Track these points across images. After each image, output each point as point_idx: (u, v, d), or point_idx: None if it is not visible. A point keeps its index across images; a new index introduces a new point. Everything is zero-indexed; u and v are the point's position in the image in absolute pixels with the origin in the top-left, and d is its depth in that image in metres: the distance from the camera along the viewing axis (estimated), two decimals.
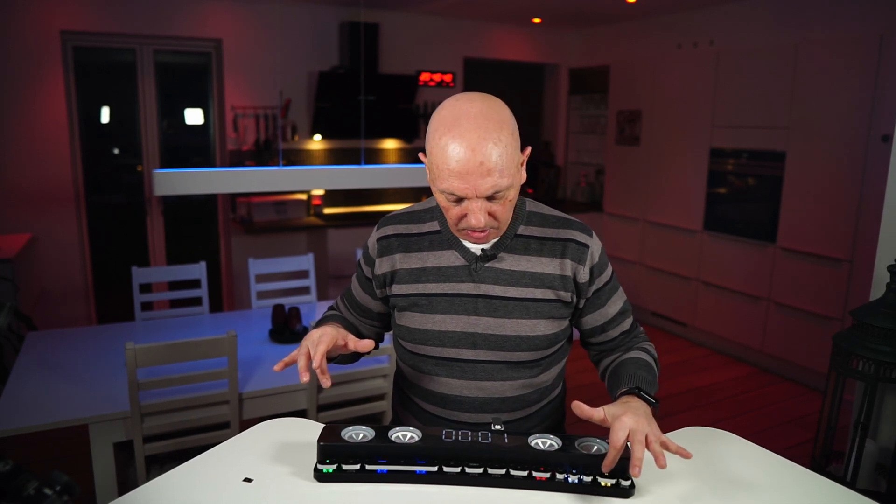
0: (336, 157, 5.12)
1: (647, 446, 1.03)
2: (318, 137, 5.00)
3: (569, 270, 1.24)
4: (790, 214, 4.00)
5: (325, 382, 1.09)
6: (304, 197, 5.00)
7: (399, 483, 1.09)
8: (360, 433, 1.12)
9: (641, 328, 1.39)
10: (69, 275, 4.46)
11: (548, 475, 1.07)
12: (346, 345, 1.16)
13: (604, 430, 1.07)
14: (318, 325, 1.27)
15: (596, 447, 1.10)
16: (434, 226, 1.29)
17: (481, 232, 1.16)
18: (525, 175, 1.18)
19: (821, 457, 2.45)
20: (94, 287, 4.64)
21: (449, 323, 1.24)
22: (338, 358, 1.30)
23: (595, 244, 1.27)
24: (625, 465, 1.04)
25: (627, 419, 1.04)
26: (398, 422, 1.41)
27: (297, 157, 4.96)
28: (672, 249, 4.89)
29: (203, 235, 5.01)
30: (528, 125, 6.30)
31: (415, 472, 1.09)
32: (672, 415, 3.59)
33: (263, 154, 4.76)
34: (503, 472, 1.08)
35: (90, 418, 2.00)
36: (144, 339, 2.66)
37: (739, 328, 4.39)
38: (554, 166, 6.23)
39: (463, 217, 1.14)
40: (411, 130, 5.29)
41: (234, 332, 2.11)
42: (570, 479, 1.07)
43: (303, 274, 3.82)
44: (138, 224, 4.73)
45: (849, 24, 3.84)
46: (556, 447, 1.09)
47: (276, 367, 1.12)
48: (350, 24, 4.79)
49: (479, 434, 1.11)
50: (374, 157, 5.29)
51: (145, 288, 3.46)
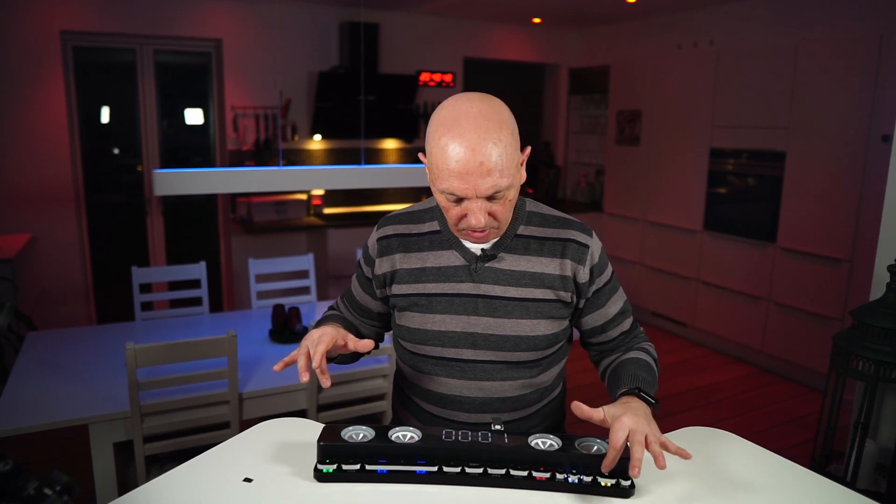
0: (336, 157, 5.12)
1: (647, 447, 1.03)
2: (318, 137, 5.00)
3: (569, 270, 1.24)
4: (790, 214, 4.00)
5: (325, 382, 1.09)
6: (304, 197, 5.01)
7: (399, 483, 1.09)
8: (360, 433, 1.12)
9: (641, 328, 1.39)
10: (69, 275, 4.46)
11: (548, 475, 1.07)
12: (345, 345, 1.16)
13: (604, 430, 1.07)
14: (318, 325, 1.27)
15: (596, 447, 1.10)
16: (434, 226, 1.29)
17: (481, 232, 1.16)
18: (525, 175, 1.18)
19: (821, 457, 2.45)
20: (94, 287, 4.64)
21: (449, 323, 1.24)
22: (338, 358, 1.30)
23: (595, 244, 1.27)
24: (625, 465, 1.04)
25: (627, 420, 1.04)
26: (398, 422, 1.41)
27: (297, 157, 4.96)
28: (672, 249, 4.89)
29: (203, 235, 5.01)
30: (528, 125, 6.30)
31: (415, 472, 1.09)
32: (672, 415, 3.59)
33: (263, 154, 4.76)
34: (503, 472, 1.08)
35: (90, 418, 2.00)
36: (144, 339, 2.66)
37: (739, 328, 4.39)
38: (554, 166, 6.23)
39: (463, 217, 1.14)
40: (411, 130, 5.29)
41: (234, 332, 2.11)
42: (570, 479, 1.07)
43: (303, 274, 3.82)
44: (138, 224, 4.73)
45: (849, 24, 3.84)
46: (556, 447, 1.09)
47: (276, 367, 1.12)
48: (350, 24, 4.79)
49: (479, 434, 1.11)
50: (374, 157, 5.29)
51: (145, 288, 3.46)
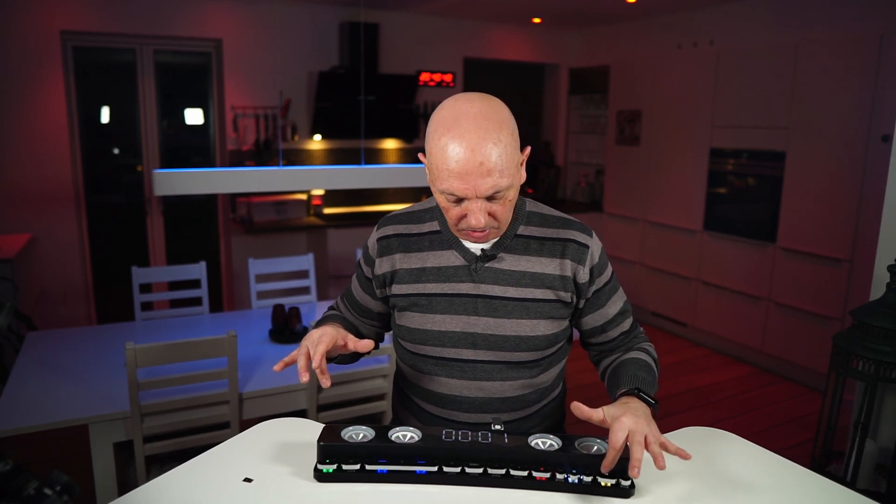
0: (336, 157, 5.12)
1: (647, 447, 1.03)
2: (318, 137, 5.00)
3: (569, 271, 1.24)
4: (790, 214, 4.00)
5: (325, 382, 1.09)
6: (304, 197, 5.01)
7: (399, 483, 1.09)
8: (360, 433, 1.12)
9: (641, 328, 1.39)
10: (69, 275, 4.46)
11: (548, 475, 1.07)
12: (345, 345, 1.16)
13: (604, 430, 1.07)
14: (318, 325, 1.27)
15: (596, 447, 1.10)
16: (434, 226, 1.29)
17: (481, 232, 1.16)
18: (525, 175, 1.18)
19: (821, 457, 2.45)
20: (94, 287, 4.64)
21: (449, 323, 1.24)
22: (338, 358, 1.30)
23: (595, 244, 1.27)
24: (624, 465, 1.04)
25: (626, 420, 1.04)
26: (398, 422, 1.41)
27: (297, 157, 4.96)
28: (672, 249, 4.89)
29: (203, 235, 5.01)
30: (528, 125, 6.30)
31: (415, 472, 1.09)
32: (672, 415, 3.59)
33: (263, 154, 4.76)
34: (503, 472, 1.08)
35: (90, 418, 2.00)
36: (144, 339, 2.66)
37: (739, 328, 4.39)
38: (554, 166, 6.23)
39: (463, 217, 1.14)
40: (411, 130, 5.29)
41: (234, 332, 2.11)
42: (570, 479, 1.07)
43: (303, 274, 3.82)
44: (138, 224, 4.73)
45: (849, 24, 3.84)
46: (556, 447, 1.09)
47: (276, 368, 1.12)
48: (350, 24, 4.79)
49: (479, 434, 1.11)
50: (374, 157, 5.29)
51: (145, 288, 3.46)
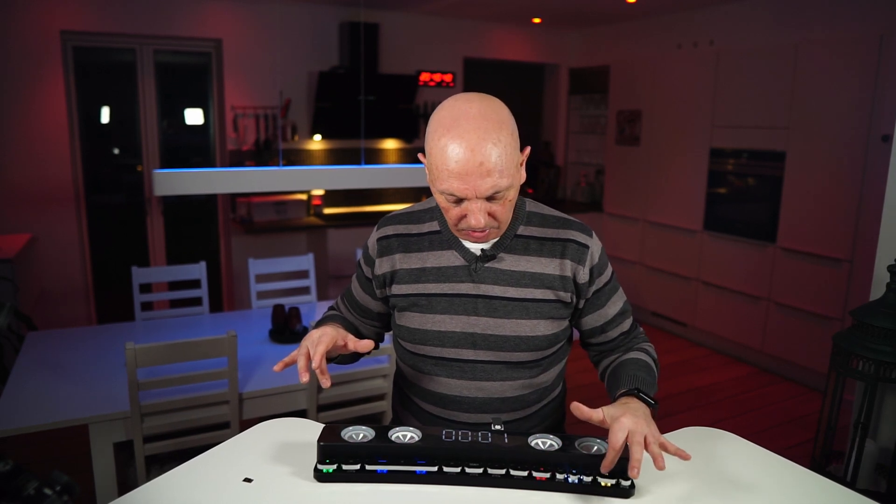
0: (336, 157, 5.12)
1: (646, 448, 1.03)
2: (318, 137, 5.00)
3: (568, 271, 1.24)
4: (790, 214, 4.00)
5: (325, 383, 1.09)
6: (304, 197, 5.01)
7: (399, 483, 1.09)
8: (360, 433, 1.12)
9: (641, 329, 1.39)
10: (69, 275, 4.46)
11: (548, 475, 1.07)
12: (345, 345, 1.16)
13: (604, 430, 1.07)
14: (318, 325, 1.27)
15: (596, 447, 1.10)
16: (434, 226, 1.29)
17: (481, 232, 1.16)
18: (525, 175, 1.18)
19: (821, 457, 2.45)
20: (94, 287, 4.64)
21: (448, 323, 1.24)
22: (338, 358, 1.30)
23: (595, 245, 1.27)
24: (624, 465, 1.04)
25: (626, 420, 1.04)
26: (398, 422, 1.41)
27: (297, 157, 4.96)
28: (672, 249, 4.88)
29: (203, 235, 5.01)
30: (528, 125, 6.30)
31: (415, 472, 1.09)
32: (672, 415, 3.59)
33: (263, 154, 4.76)
34: (503, 472, 1.08)
35: (90, 418, 2.00)
36: (144, 339, 2.66)
37: (739, 328, 4.39)
38: (554, 166, 6.23)
39: (463, 217, 1.14)
40: (411, 130, 5.29)
41: (234, 332, 2.11)
42: (570, 479, 1.07)
43: (303, 274, 3.82)
44: (138, 224, 4.73)
45: (849, 24, 3.84)
46: (556, 447, 1.09)
47: (276, 368, 1.12)
48: (350, 24, 4.79)
49: (479, 434, 1.11)
50: (374, 157, 5.29)
51: (145, 288, 3.46)
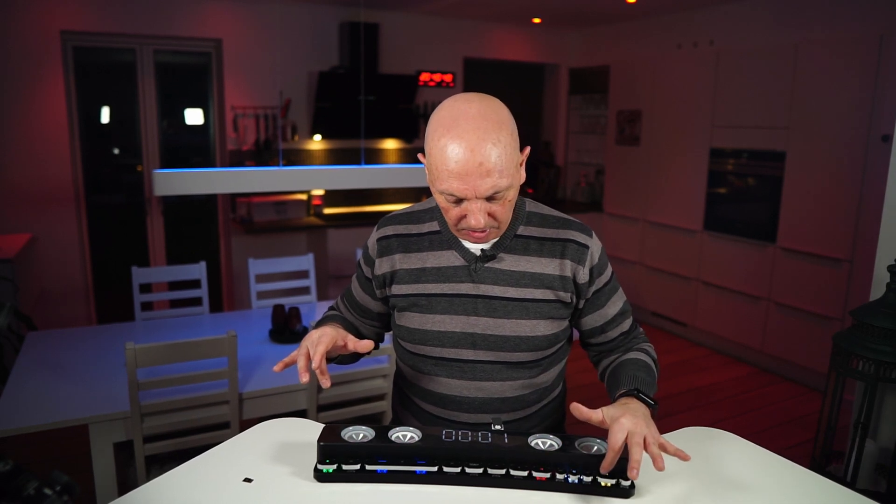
0: (336, 157, 5.12)
1: (646, 448, 1.03)
2: (318, 137, 5.00)
3: (568, 271, 1.24)
4: (790, 214, 4.00)
5: (325, 383, 1.09)
6: (304, 197, 5.00)
7: (399, 483, 1.09)
8: (360, 433, 1.12)
9: (641, 329, 1.39)
10: (69, 275, 4.46)
11: (548, 475, 1.07)
12: (345, 345, 1.16)
13: (604, 431, 1.07)
14: (318, 325, 1.27)
15: (596, 447, 1.10)
16: (434, 226, 1.29)
17: (481, 232, 1.16)
18: (524, 175, 1.18)
19: (821, 457, 2.45)
20: (94, 287, 4.64)
21: (448, 323, 1.24)
22: (338, 358, 1.30)
23: (595, 245, 1.27)
24: (624, 465, 1.04)
25: (626, 421, 1.04)
26: (398, 422, 1.41)
27: (297, 157, 4.96)
28: (672, 249, 4.88)
29: (203, 235, 5.01)
30: (528, 125, 6.30)
31: (415, 472, 1.09)
32: (672, 415, 3.59)
33: (263, 154, 4.76)
34: (503, 472, 1.08)
35: (90, 418, 2.00)
36: (144, 339, 2.66)
37: (739, 328, 4.39)
38: (554, 166, 6.23)
39: (463, 218, 1.14)
40: (411, 130, 5.29)
41: (234, 332, 2.11)
42: (570, 479, 1.07)
43: (303, 274, 3.82)
44: (138, 224, 4.73)
45: (849, 24, 3.84)
46: (556, 447, 1.09)
47: (276, 368, 1.12)
48: (350, 24, 4.79)
49: (479, 434, 1.11)
50: (374, 157, 5.29)
51: (145, 288, 3.46)
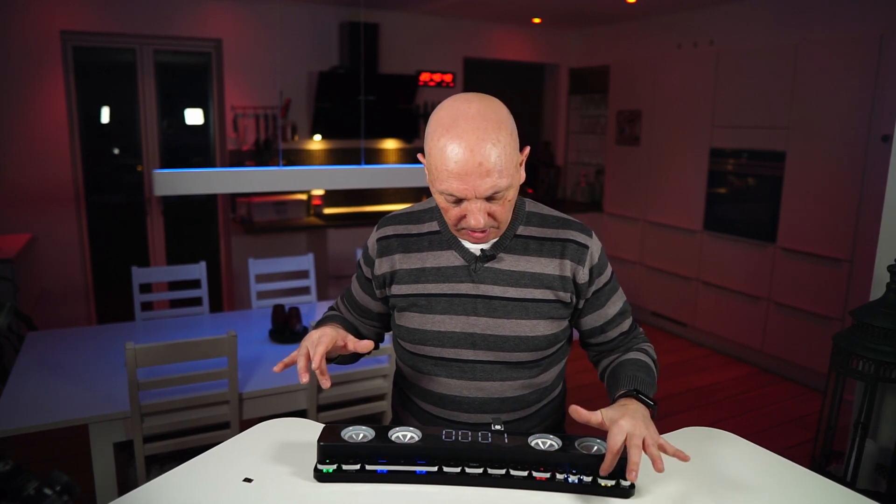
0: (336, 157, 5.12)
1: (645, 450, 1.02)
2: (318, 137, 5.00)
3: (568, 271, 1.24)
4: (790, 214, 4.00)
5: (325, 383, 1.09)
6: (304, 197, 5.01)
7: (399, 483, 1.09)
8: (360, 433, 1.12)
9: (641, 329, 1.39)
10: (69, 275, 4.46)
11: (548, 475, 1.07)
12: (345, 345, 1.16)
13: (604, 431, 1.07)
14: (318, 325, 1.27)
15: (596, 447, 1.10)
16: (433, 226, 1.29)
17: (481, 232, 1.16)
18: (524, 175, 1.18)
19: (821, 457, 2.45)
20: (94, 287, 4.64)
21: (448, 323, 1.24)
22: (337, 358, 1.29)
23: (595, 245, 1.27)
24: (624, 465, 1.04)
25: (625, 423, 1.03)
26: (398, 422, 1.41)
27: (297, 157, 4.96)
28: (672, 249, 4.88)
29: (203, 235, 5.01)
30: (528, 125, 6.30)
31: (415, 472, 1.09)
32: (672, 415, 3.59)
33: (263, 154, 4.76)
34: (503, 472, 1.08)
35: (90, 418, 2.00)
36: (144, 339, 2.66)
37: (739, 328, 4.39)
38: (554, 166, 6.23)
39: (462, 218, 1.14)
40: (411, 130, 5.29)
41: (234, 332, 2.11)
42: (570, 479, 1.07)
43: (303, 274, 3.82)
44: (138, 224, 4.73)
45: (849, 24, 3.84)
46: (556, 447, 1.09)
47: (276, 369, 1.12)
48: (350, 24, 4.79)
49: (479, 434, 1.11)
50: (374, 157, 5.29)
51: (145, 288, 3.46)
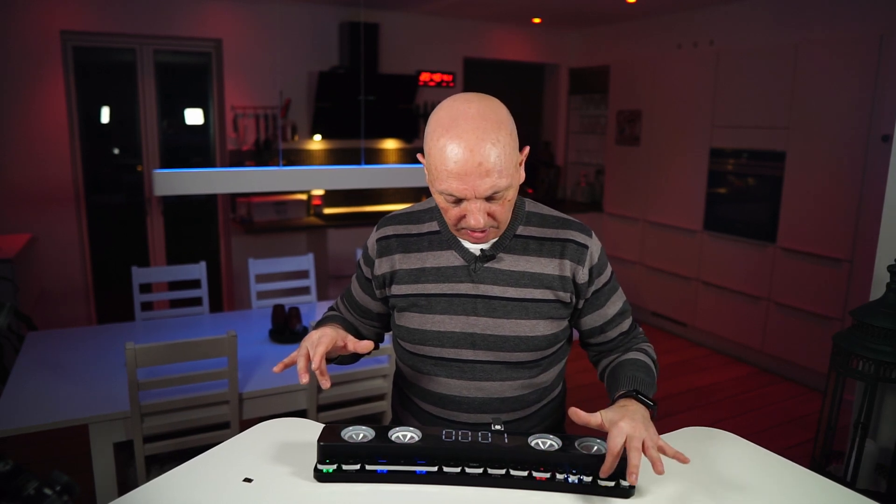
0: (336, 157, 5.12)
1: (645, 452, 1.02)
2: (318, 137, 5.00)
3: (568, 271, 1.24)
4: (790, 214, 4.00)
5: (325, 384, 1.09)
6: (304, 197, 5.00)
7: (399, 483, 1.09)
8: (360, 433, 1.12)
9: (640, 329, 1.39)
10: (69, 275, 4.46)
11: (548, 475, 1.07)
12: (345, 346, 1.16)
13: (604, 432, 1.07)
14: (318, 325, 1.27)
15: (596, 447, 1.10)
16: (433, 226, 1.29)
17: (481, 232, 1.16)
18: (524, 175, 1.18)
19: (821, 457, 2.45)
20: (94, 287, 4.64)
21: (448, 323, 1.24)
22: (337, 359, 1.29)
23: (594, 245, 1.27)
24: (624, 466, 1.04)
25: (625, 425, 1.03)
26: (398, 422, 1.41)
27: (297, 157, 4.96)
28: (672, 249, 4.88)
29: (203, 235, 5.01)
30: (528, 125, 6.30)
31: (415, 472, 1.09)
32: (672, 415, 3.59)
33: (263, 154, 4.76)
34: (503, 472, 1.08)
35: (90, 418, 2.00)
36: (144, 339, 2.66)
37: (739, 328, 4.39)
38: (554, 166, 6.23)
39: (462, 218, 1.14)
40: (411, 130, 5.29)
41: (234, 332, 2.11)
42: (570, 479, 1.07)
43: (303, 274, 3.82)
44: (138, 224, 4.73)
45: (849, 24, 3.84)
46: (556, 447, 1.09)
47: (276, 369, 1.12)
48: (350, 24, 4.79)
49: (479, 434, 1.11)
50: (374, 157, 5.29)
51: (145, 288, 3.46)
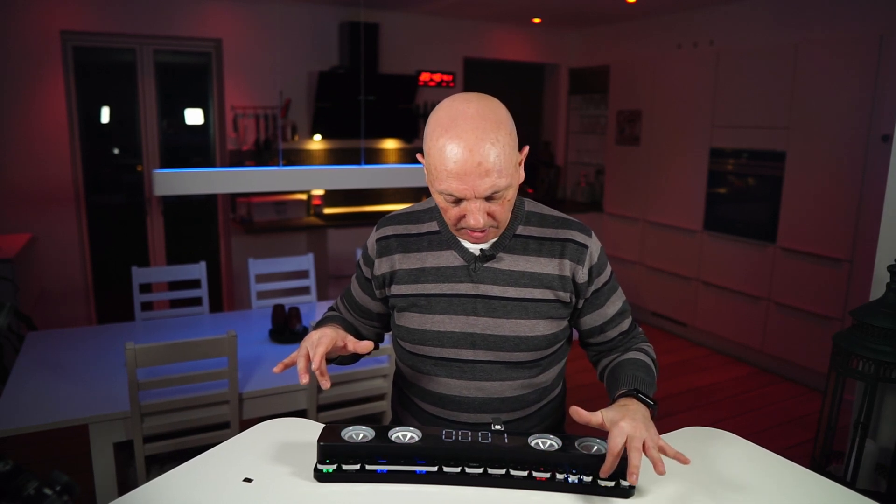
0: (336, 157, 5.12)
1: (645, 452, 1.02)
2: (318, 137, 5.00)
3: (567, 271, 1.24)
4: (790, 214, 4.00)
5: (325, 384, 1.09)
6: (304, 197, 5.01)
7: (399, 483, 1.09)
8: (360, 433, 1.12)
9: (640, 329, 1.39)
10: (69, 275, 4.46)
11: (548, 475, 1.07)
12: (345, 346, 1.16)
13: (604, 431, 1.07)
14: (318, 326, 1.27)
15: (596, 447, 1.10)
16: (433, 226, 1.29)
17: (480, 232, 1.16)
18: (523, 174, 1.18)
19: (821, 457, 2.45)
20: (94, 287, 4.64)
21: (448, 323, 1.24)
22: (337, 359, 1.30)
23: (594, 244, 1.27)
24: (625, 465, 1.04)
25: (625, 425, 1.03)
26: (398, 422, 1.41)
27: (297, 157, 4.96)
28: (672, 249, 4.88)
29: (203, 235, 5.01)
30: (528, 125, 6.30)
31: (415, 472, 1.09)
32: (672, 415, 3.59)
33: (263, 154, 4.76)
34: (503, 472, 1.08)
35: (90, 418, 2.00)
36: (144, 339, 2.66)
37: (739, 328, 4.39)
38: (554, 166, 6.23)
39: (462, 217, 1.14)
40: (411, 130, 5.29)
41: (234, 332, 2.11)
42: (570, 479, 1.07)
43: (303, 274, 3.82)
44: (138, 224, 4.73)
45: (849, 24, 3.84)
46: (556, 447, 1.09)
47: (276, 369, 1.12)
48: (350, 24, 4.79)
49: (479, 434, 1.11)
50: (374, 157, 5.29)
51: (145, 288, 3.46)
